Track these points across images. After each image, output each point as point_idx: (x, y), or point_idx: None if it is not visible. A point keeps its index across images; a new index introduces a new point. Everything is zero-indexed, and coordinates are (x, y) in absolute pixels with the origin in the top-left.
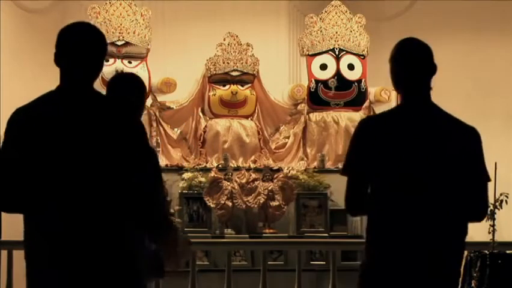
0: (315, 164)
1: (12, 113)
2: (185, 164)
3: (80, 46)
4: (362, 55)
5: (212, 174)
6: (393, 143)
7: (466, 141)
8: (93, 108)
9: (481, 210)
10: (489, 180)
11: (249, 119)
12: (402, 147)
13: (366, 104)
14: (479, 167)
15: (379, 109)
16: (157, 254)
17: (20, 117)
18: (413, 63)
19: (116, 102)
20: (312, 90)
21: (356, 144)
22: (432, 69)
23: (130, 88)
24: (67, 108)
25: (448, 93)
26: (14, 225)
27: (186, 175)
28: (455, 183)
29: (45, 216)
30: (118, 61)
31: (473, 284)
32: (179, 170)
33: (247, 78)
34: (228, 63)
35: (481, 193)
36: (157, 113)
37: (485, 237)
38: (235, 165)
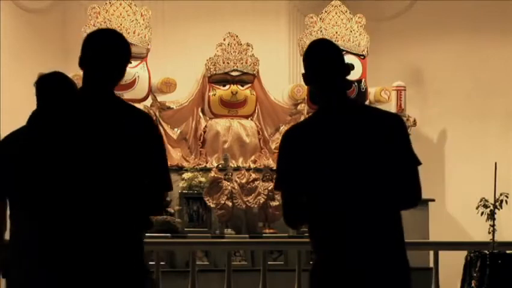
0: None
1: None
2: (185, 164)
3: (104, 51)
4: (362, 55)
5: (212, 174)
6: (315, 147)
7: (389, 128)
8: (111, 112)
9: (414, 194)
10: (419, 163)
11: (249, 119)
12: (327, 149)
13: (366, 104)
14: (406, 152)
15: None
16: None
17: (37, 119)
18: (321, 64)
19: (137, 108)
20: (312, 90)
21: (282, 157)
22: (342, 69)
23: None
24: (86, 111)
25: (447, 93)
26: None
27: (186, 175)
28: (385, 172)
29: (55, 215)
30: None
31: (473, 284)
32: (179, 170)
33: (247, 78)
34: (228, 63)
35: (411, 178)
36: (157, 113)
37: (485, 237)
38: (235, 165)
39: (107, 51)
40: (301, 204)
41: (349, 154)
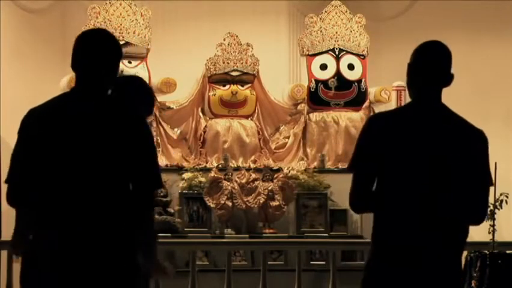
0: (315, 164)
1: (26, 113)
2: (185, 164)
3: (94, 52)
4: (362, 55)
5: (212, 174)
6: (401, 141)
7: (473, 143)
8: (103, 111)
9: (480, 214)
10: (492, 184)
11: (249, 119)
12: (410, 145)
13: (366, 104)
14: (484, 170)
15: (379, 109)
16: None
17: (31, 118)
18: (431, 72)
19: (126, 106)
20: (312, 90)
21: (364, 140)
22: (446, 77)
23: (140, 92)
24: (78, 110)
25: (447, 93)
26: (13, 225)
27: (186, 175)
28: (459, 184)
29: (49, 213)
30: None
31: (473, 284)
32: (179, 170)
33: (247, 78)
34: (228, 63)
35: (483, 197)
36: (157, 113)
37: (485, 237)
38: (235, 165)
39: (97, 52)
40: (370, 192)
41: (431, 155)
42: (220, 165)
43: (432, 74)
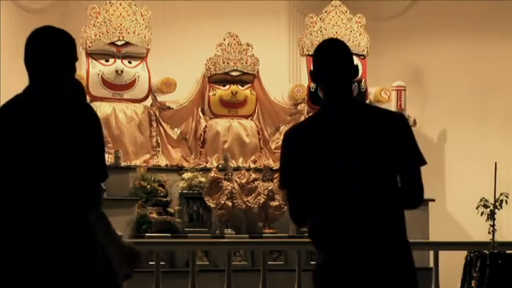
0: None
1: None
2: (185, 164)
3: (42, 50)
4: (362, 55)
5: (212, 174)
6: (317, 146)
7: (393, 127)
8: (51, 109)
9: (416, 195)
10: (424, 163)
11: (249, 119)
12: (327, 147)
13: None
14: (411, 151)
15: None
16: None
17: None
18: (331, 64)
19: (77, 101)
20: (312, 90)
21: (285, 157)
22: (349, 70)
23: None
24: (29, 110)
25: (447, 93)
26: None
27: (186, 175)
28: (384, 171)
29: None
30: (118, 61)
31: (473, 284)
32: (179, 170)
33: (247, 78)
34: (228, 63)
35: (416, 178)
36: (157, 113)
37: (485, 237)
38: (235, 165)
39: (48, 50)
40: (305, 203)
41: (352, 152)
42: (220, 165)
43: (334, 73)
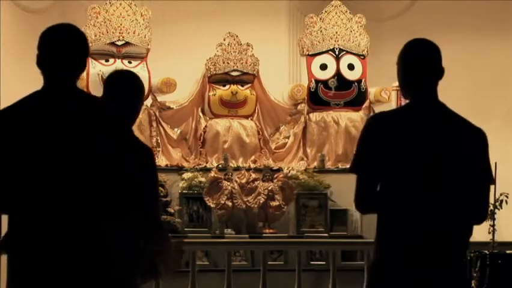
0: (315, 164)
1: None
2: (185, 164)
3: (59, 47)
4: (362, 55)
5: (212, 174)
6: (403, 140)
7: (472, 141)
8: (74, 108)
9: (481, 212)
10: (493, 183)
11: (249, 119)
12: (413, 145)
13: (366, 104)
14: (484, 168)
15: (379, 109)
16: (150, 254)
17: (2, 120)
18: (421, 66)
19: (99, 101)
20: (312, 90)
21: (365, 141)
22: (440, 72)
23: (128, 87)
24: (49, 109)
25: (447, 93)
26: None
27: (186, 175)
28: (460, 183)
29: (28, 217)
30: (118, 61)
31: (473, 284)
32: (179, 170)
33: (247, 78)
34: (228, 63)
35: (483, 195)
36: (157, 113)
37: (485, 237)
38: (235, 165)
39: (64, 47)
40: (375, 192)
41: (433, 154)
42: (220, 165)
43: (426, 72)
